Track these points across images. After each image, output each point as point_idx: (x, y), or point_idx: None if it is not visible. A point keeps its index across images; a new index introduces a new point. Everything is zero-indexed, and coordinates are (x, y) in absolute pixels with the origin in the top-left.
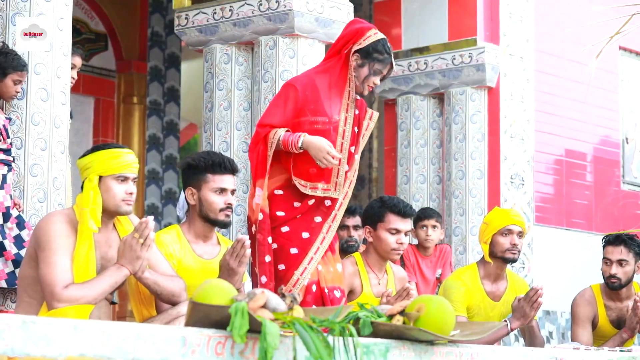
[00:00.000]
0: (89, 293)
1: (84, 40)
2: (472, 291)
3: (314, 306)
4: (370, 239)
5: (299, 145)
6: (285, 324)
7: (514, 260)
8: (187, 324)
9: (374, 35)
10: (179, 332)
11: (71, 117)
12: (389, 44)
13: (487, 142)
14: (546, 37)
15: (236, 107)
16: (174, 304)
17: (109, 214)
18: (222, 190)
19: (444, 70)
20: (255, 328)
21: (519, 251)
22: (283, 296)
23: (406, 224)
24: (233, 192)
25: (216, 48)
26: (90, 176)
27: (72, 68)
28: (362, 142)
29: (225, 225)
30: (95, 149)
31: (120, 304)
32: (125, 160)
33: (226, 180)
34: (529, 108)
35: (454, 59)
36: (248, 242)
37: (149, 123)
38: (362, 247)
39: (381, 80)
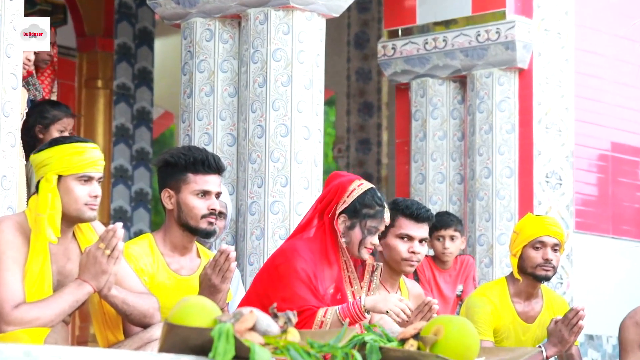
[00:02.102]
0: (44, 314)
1: (38, 12)
2: (500, 311)
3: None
4: (380, 248)
5: (363, 305)
6: (278, 349)
7: (546, 279)
8: (162, 350)
9: (358, 187)
10: (152, 359)
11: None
12: (379, 193)
13: (518, 134)
14: (588, 10)
15: (220, 92)
16: (145, 326)
17: (69, 220)
18: (205, 193)
19: (467, 49)
20: (242, 354)
21: (554, 267)
22: (275, 316)
23: (420, 230)
24: (218, 195)
25: (196, 22)
26: (48, 175)
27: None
28: None
29: (208, 234)
30: (54, 142)
31: (81, 327)
32: (89, 157)
33: (210, 182)
34: (568, 93)
35: (479, 35)
36: (233, 254)
37: (117, 111)
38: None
39: (380, 239)
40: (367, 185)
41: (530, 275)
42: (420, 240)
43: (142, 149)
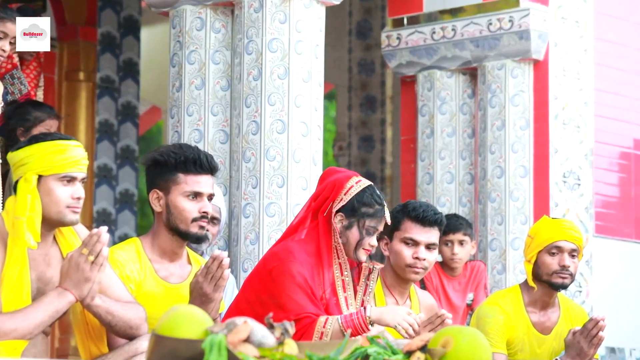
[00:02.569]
0: (22, 325)
1: None
2: (513, 321)
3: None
4: (386, 253)
5: (369, 317)
6: None
7: (563, 287)
8: None
9: (356, 184)
10: None
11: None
12: (378, 191)
13: (533, 130)
14: None
15: (212, 85)
16: (131, 338)
17: (50, 223)
18: (197, 195)
19: (478, 39)
20: None
21: (572, 275)
22: (271, 327)
23: (426, 234)
24: (210, 197)
25: (186, 10)
26: (27, 175)
27: (2, 38)
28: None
29: (199, 239)
30: (34, 140)
31: (61, 339)
32: (72, 156)
33: (202, 182)
34: (587, 87)
35: (490, 24)
36: (227, 261)
37: (100, 106)
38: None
39: (379, 240)
40: (365, 182)
41: (545, 283)
42: (428, 246)
43: (128, 146)
